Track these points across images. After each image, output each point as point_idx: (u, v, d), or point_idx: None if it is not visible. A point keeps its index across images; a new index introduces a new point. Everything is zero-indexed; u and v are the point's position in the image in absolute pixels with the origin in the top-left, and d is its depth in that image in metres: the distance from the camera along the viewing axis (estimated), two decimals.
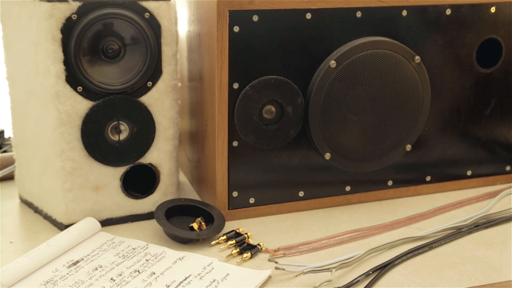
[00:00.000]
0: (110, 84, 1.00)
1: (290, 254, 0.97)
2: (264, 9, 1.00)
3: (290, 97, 1.04)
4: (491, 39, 1.15)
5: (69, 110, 0.98)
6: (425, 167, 1.18)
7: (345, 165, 1.11)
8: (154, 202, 1.07)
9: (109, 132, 1.02)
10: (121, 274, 0.90)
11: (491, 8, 1.13)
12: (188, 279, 0.89)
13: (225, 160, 1.05)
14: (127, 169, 1.05)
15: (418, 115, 1.12)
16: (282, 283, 0.89)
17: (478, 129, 1.20)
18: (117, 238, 1.01)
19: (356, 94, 1.06)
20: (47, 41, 0.95)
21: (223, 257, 0.95)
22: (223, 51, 1.00)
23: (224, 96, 1.02)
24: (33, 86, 1.01)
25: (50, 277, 0.89)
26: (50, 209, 1.06)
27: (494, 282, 0.89)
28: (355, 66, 1.05)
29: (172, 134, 1.07)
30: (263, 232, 1.04)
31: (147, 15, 0.99)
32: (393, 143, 1.12)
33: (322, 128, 1.06)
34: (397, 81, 1.08)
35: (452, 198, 1.18)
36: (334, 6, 1.04)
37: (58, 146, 0.99)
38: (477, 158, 1.22)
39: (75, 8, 0.95)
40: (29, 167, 1.09)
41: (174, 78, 1.05)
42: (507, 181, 1.24)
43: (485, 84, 1.17)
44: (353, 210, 1.13)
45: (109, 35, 0.98)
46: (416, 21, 1.09)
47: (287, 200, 1.11)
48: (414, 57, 1.08)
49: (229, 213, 1.08)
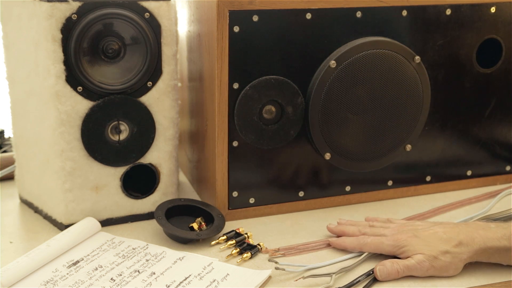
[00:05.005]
0: (110, 84, 0.99)
1: (290, 254, 0.97)
2: (264, 9, 1.00)
3: (290, 97, 1.04)
4: (491, 39, 1.15)
5: (69, 110, 0.98)
6: (425, 167, 1.18)
7: (345, 165, 1.11)
8: (154, 202, 1.07)
9: (109, 132, 1.02)
10: (121, 274, 0.90)
11: (491, 8, 1.13)
12: (188, 279, 0.89)
13: (225, 160, 1.05)
14: (127, 169, 1.05)
15: (418, 115, 1.12)
16: (282, 283, 0.89)
17: (478, 129, 1.20)
18: (117, 238, 1.01)
19: (356, 94, 1.06)
20: (47, 41, 0.95)
21: (223, 257, 0.95)
22: (223, 51, 1.00)
23: (224, 96, 1.02)
24: (33, 86, 1.01)
25: (50, 277, 0.89)
26: (50, 209, 1.06)
27: (494, 282, 0.89)
28: (355, 66, 1.05)
29: (172, 134, 1.07)
30: (263, 232, 1.04)
31: (147, 15, 0.99)
32: (393, 143, 1.12)
33: (322, 128, 1.06)
34: (397, 81, 1.08)
35: (452, 198, 1.18)
36: (334, 6, 1.04)
37: (58, 146, 0.99)
38: (477, 158, 1.22)
39: (75, 8, 0.95)
40: (29, 167, 1.09)
41: (174, 78, 1.05)
42: (507, 181, 1.24)
43: (485, 84, 1.17)
44: (353, 210, 1.13)
45: (109, 35, 0.98)
46: (416, 21, 1.09)
47: (287, 200, 1.11)
48: (414, 57, 1.08)
49: (229, 213, 1.08)
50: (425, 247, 0.89)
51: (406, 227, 0.95)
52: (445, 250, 0.88)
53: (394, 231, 0.94)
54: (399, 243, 0.91)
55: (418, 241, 0.90)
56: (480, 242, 0.89)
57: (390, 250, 0.92)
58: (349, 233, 0.99)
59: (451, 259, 0.88)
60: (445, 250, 0.88)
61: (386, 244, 0.92)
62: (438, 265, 0.88)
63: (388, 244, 0.92)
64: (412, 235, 0.92)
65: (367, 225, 0.99)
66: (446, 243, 0.89)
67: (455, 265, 0.89)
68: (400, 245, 0.91)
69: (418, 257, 0.89)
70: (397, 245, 0.91)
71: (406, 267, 0.89)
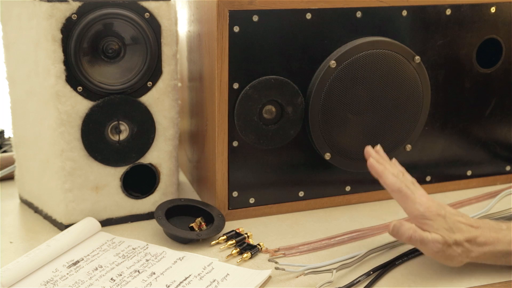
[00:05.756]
0: (110, 84, 0.99)
1: (290, 254, 0.97)
2: (264, 9, 1.00)
3: (290, 97, 1.04)
4: (491, 39, 1.15)
5: (69, 110, 0.98)
6: (425, 167, 1.18)
7: (345, 165, 1.11)
8: (154, 202, 1.07)
9: (109, 132, 1.02)
10: (121, 274, 0.90)
11: (491, 8, 1.13)
12: (188, 279, 0.89)
13: (225, 160, 1.05)
14: (127, 169, 1.05)
15: (418, 115, 1.11)
16: (282, 283, 0.89)
17: (478, 129, 1.20)
18: (117, 238, 1.01)
19: (356, 94, 1.06)
20: (47, 41, 0.95)
21: (223, 257, 0.95)
22: (223, 51, 1.00)
23: (224, 96, 1.02)
24: (33, 86, 1.01)
25: (50, 277, 0.89)
26: (50, 209, 1.06)
27: (494, 282, 0.89)
28: (355, 66, 1.05)
29: (172, 134, 1.07)
30: (263, 232, 1.04)
31: (147, 15, 0.99)
32: (393, 143, 1.12)
33: (322, 128, 1.06)
34: (397, 81, 1.08)
35: (452, 198, 1.18)
36: (334, 6, 1.04)
37: (58, 146, 0.99)
38: (477, 158, 1.22)
39: (75, 8, 0.95)
40: (29, 167, 1.09)
41: (174, 78, 1.05)
42: (507, 181, 1.24)
43: (485, 84, 1.17)
44: (353, 210, 1.13)
45: (109, 35, 0.98)
46: (416, 21, 1.09)
47: (287, 200, 1.11)
48: (414, 57, 1.08)
49: (229, 213, 1.08)
50: (446, 231, 0.87)
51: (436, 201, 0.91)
52: (460, 241, 0.87)
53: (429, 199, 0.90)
54: (427, 214, 0.88)
55: (443, 222, 0.88)
56: (490, 246, 0.88)
57: (416, 214, 0.88)
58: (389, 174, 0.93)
59: (461, 252, 0.88)
60: (460, 242, 0.87)
61: (418, 205, 0.88)
62: (448, 253, 0.87)
63: (417, 208, 0.88)
64: (442, 213, 0.89)
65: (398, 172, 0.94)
66: (464, 234, 0.88)
67: (462, 259, 0.88)
68: (427, 216, 0.88)
69: (436, 237, 0.87)
70: (424, 215, 0.88)
71: (420, 237, 0.87)
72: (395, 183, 0.90)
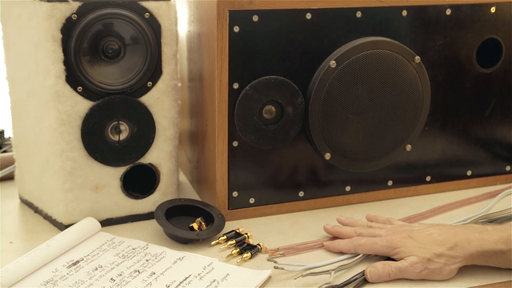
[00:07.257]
0: (110, 84, 1.00)
1: (290, 254, 0.97)
2: (264, 9, 1.00)
3: (290, 97, 1.04)
4: (491, 39, 1.15)
5: (69, 110, 0.98)
6: (425, 167, 1.18)
7: (345, 165, 1.11)
8: (154, 202, 1.07)
9: (109, 132, 1.02)
10: (121, 274, 0.90)
11: (491, 8, 1.13)
12: (188, 279, 0.89)
13: (225, 160, 1.05)
14: (127, 169, 1.05)
15: (418, 115, 1.11)
16: (282, 283, 0.89)
17: (478, 129, 1.20)
18: (117, 238, 1.01)
19: (356, 94, 1.06)
20: (47, 41, 0.95)
21: (223, 257, 0.95)
22: (223, 51, 1.00)
23: (224, 96, 1.02)
24: (33, 86, 1.01)
25: (50, 277, 0.89)
26: (50, 209, 1.06)
27: (494, 282, 0.89)
28: (355, 66, 1.05)
29: (172, 134, 1.07)
30: (263, 232, 1.04)
31: (147, 15, 0.99)
32: (393, 143, 1.12)
33: (322, 128, 1.06)
34: (397, 81, 1.08)
35: (452, 198, 1.18)
36: (334, 6, 1.04)
37: (58, 146, 0.99)
38: (477, 158, 1.22)
39: (75, 8, 0.95)
40: (29, 167, 1.09)
41: (174, 78, 1.05)
42: (507, 181, 1.24)
43: (485, 84, 1.17)
44: (353, 210, 1.13)
45: (109, 35, 0.98)
46: (416, 21, 1.09)
47: (287, 200, 1.11)
48: (414, 57, 1.08)
49: (229, 213, 1.08)
50: (419, 249, 0.87)
51: (401, 228, 0.94)
52: (440, 252, 0.87)
53: (389, 232, 0.93)
54: (392, 244, 0.89)
55: (412, 242, 0.89)
56: (476, 245, 0.87)
57: (384, 251, 0.90)
58: (345, 234, 0.97)
59: (445, 261, 0.87)
60: (440, 253, 0.87)
61: (380, 245, 0.91)
62: (432, 268, 0.86)
63: (381, 245, 0.90)
64: (407, 236, 0.90)
65: (365, 225, 0.99)
66: (441, 245, 0.87)
67: (449, 268, 0.87)
68: (393, 246, 0.89)
69: (411, 259, 0.87)
70: (390, 246, 0.90)
71: (398, 269, 0.87)
72: (349, 249, 0.94)
